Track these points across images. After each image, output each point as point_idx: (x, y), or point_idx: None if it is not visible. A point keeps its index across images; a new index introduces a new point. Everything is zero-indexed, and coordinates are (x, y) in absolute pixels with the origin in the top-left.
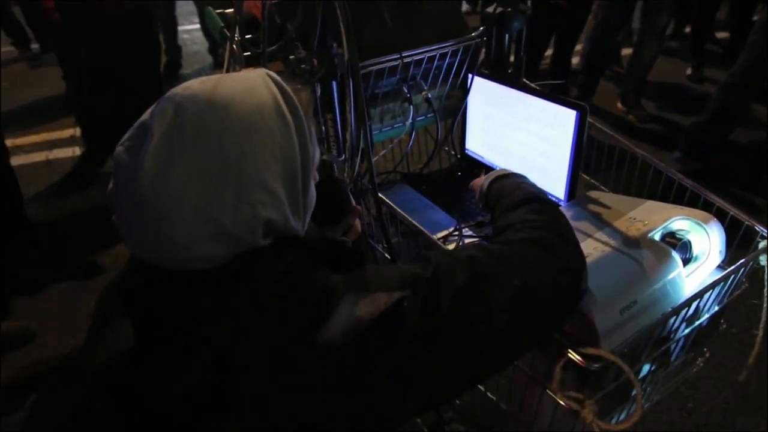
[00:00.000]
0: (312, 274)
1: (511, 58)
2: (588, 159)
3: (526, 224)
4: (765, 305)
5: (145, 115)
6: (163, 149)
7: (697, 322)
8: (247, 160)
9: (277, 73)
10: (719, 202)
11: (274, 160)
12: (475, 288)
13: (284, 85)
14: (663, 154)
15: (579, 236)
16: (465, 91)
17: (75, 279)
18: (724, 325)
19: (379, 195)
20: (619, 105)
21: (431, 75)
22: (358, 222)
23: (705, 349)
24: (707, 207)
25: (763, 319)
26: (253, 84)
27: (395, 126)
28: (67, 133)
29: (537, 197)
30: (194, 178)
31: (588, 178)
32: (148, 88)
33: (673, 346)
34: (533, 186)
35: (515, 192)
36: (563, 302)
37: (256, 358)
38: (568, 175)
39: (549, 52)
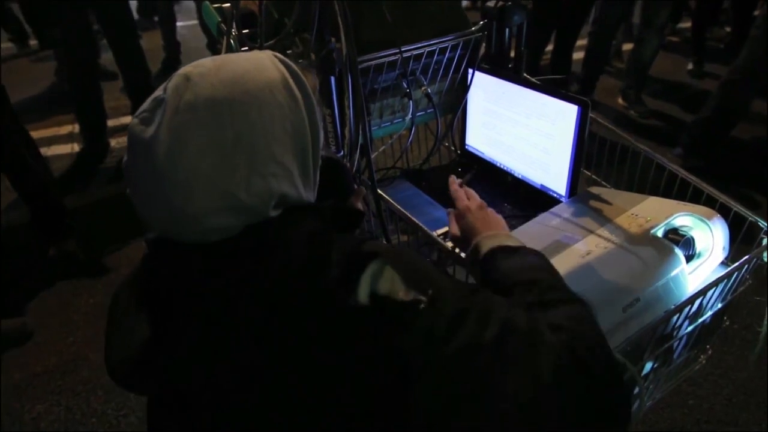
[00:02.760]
0: (334, 237)
1: (512, 53)
2: (589, 154)
3: (560, 323)
4: None
5: (159, 90)
6: (177, 122)
7: (700, 320)
8: (258, 133)
9: None
10: (722, 197)
11: (285, 134)
12: (494, 362)
13: (291, 63)
14: (664, 150)
15: (580, 233)
16: (465, 86)
17: (73, 277)
18: (727, 322)
19: (378, 191)
20: (620, 100)
21: (431, 70)
22: (360, 204)
23: (708, 347)
24: (710, 203)
25: (767, 316)
26: (262, 62)
27: (395, 121)
28: (65, 129)
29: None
30: (207, 150)
31: (589, 173)
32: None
33: (675, 344)
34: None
35: (532, 275)
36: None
37: (286, 324)
38: (569, 171)
39: (549, 47)
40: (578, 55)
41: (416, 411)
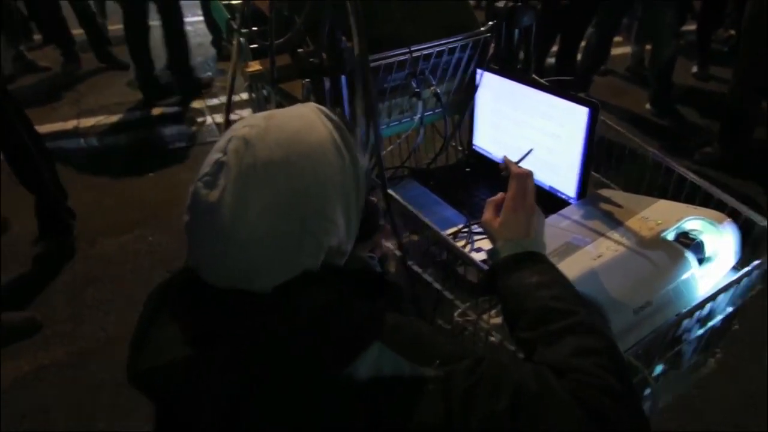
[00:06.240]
0: (349, 308)
1: (520, 55)
2: (598, 156)
3: (570, 364)
4: None
5: (218, 153)
6: (240, 185)
7: (710, 324)
8: (312, 193)
9: (284, 66)
10: (733, 201)
11: (335, 192)
12: (507, 424)
13: (336, 119)
14: (672, 152)
15: (591, 235)
16: (473, 86)
17: (80, 271)
18: (737, 326)
19: (388, 191)
20: (647, 106)
21: (440, 70)
22: (383, 240)
23: (717, 350)
24: (720, 207)
25: None
26: (311, 121)
27: (403, 121)
28: (70, 124)
29: (585, 326)
30: (266, 211)
31: (598, 176)
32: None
33: (685, 347)
34: (572, 295)
35: (546, 299)
36: None
37: (284, 383)
38: (579, 173)
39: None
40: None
41: None
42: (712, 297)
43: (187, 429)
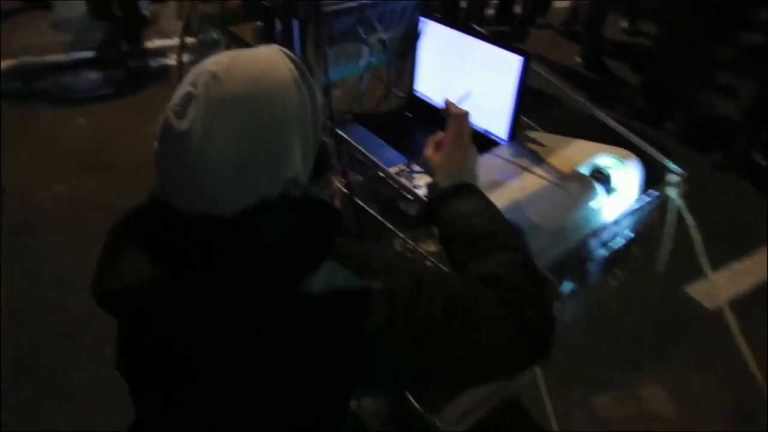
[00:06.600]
0: (305, 232)
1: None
2: (529, 103)
3: (496, 274)
4: (667, 230)
5: (188, 86)
6: (209, 116)
7: (613, 245)
8: (274, 126)
9: (234, 9)
10: (640, 142)
11: (295, 126)
12: (442, 324)
13: (297, 60)
14: (598, 102)
15: (518, 171)
16: (416, 34)
17: (9, 222)
18: (637, 250)
19: (337, 131)
20: (578, 59)
21: (385, 17)
22: (333, 179)
23: (618, 271)
24: (631, 148)
25: (666, 243)
26: (275, 60)
27: (349, 66)
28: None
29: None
30: (234, 140)
31: (528, 120)
32: None
33: (592, 266)
34: (496, 215)
35: (478, 223)
36: (515, 363)
37: (252, 295)
38: (510, 117)
39: None
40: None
41: (380, 368)
42: (615, 221)
43: (152, 347)
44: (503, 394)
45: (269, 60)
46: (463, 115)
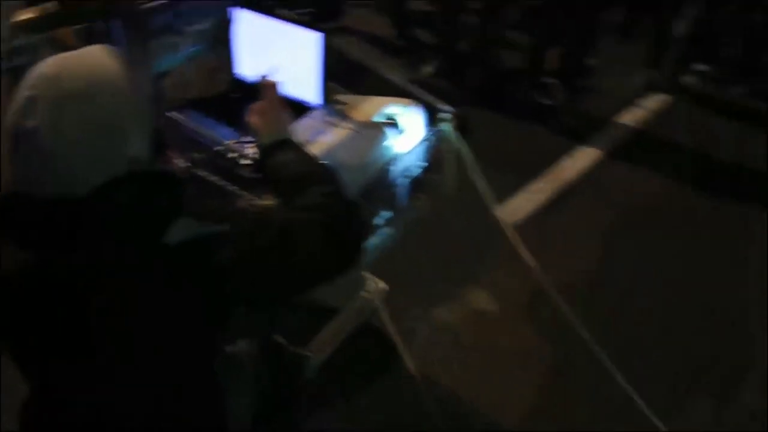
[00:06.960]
0: (154, 197)
1: None
2: (341, 70)
3: (313, 201)
4: (447, 157)
5: (28, 89)
6: (53, 112)
7: (411, 173)
8: (113, 115)
9: (53, 13)
10: (424, 94)
11: (130, 113)
12: (276, 244)
13: (122, 56)
14: (406, 67)
15: (329, 127)
16: (230, 22)
17: None
18: (433, 178)
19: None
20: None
21: (199, 10)
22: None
23: (420, 196)
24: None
25: (448, 168)
26: (102, 58)
27: (171, 57)
28: None
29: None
30: (78, 130)
31: (337, 85)
32: None
33: (398, 192)
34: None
35: (297, 168)
36: (329, 269)
37: (121, 256)
38: (320, 85)
39: None
40: None
41: (234, 293)
42: (406, 153)
43: (36, 327)
44: (356, 322)
45: (97, 58)
46: (272, 85)
